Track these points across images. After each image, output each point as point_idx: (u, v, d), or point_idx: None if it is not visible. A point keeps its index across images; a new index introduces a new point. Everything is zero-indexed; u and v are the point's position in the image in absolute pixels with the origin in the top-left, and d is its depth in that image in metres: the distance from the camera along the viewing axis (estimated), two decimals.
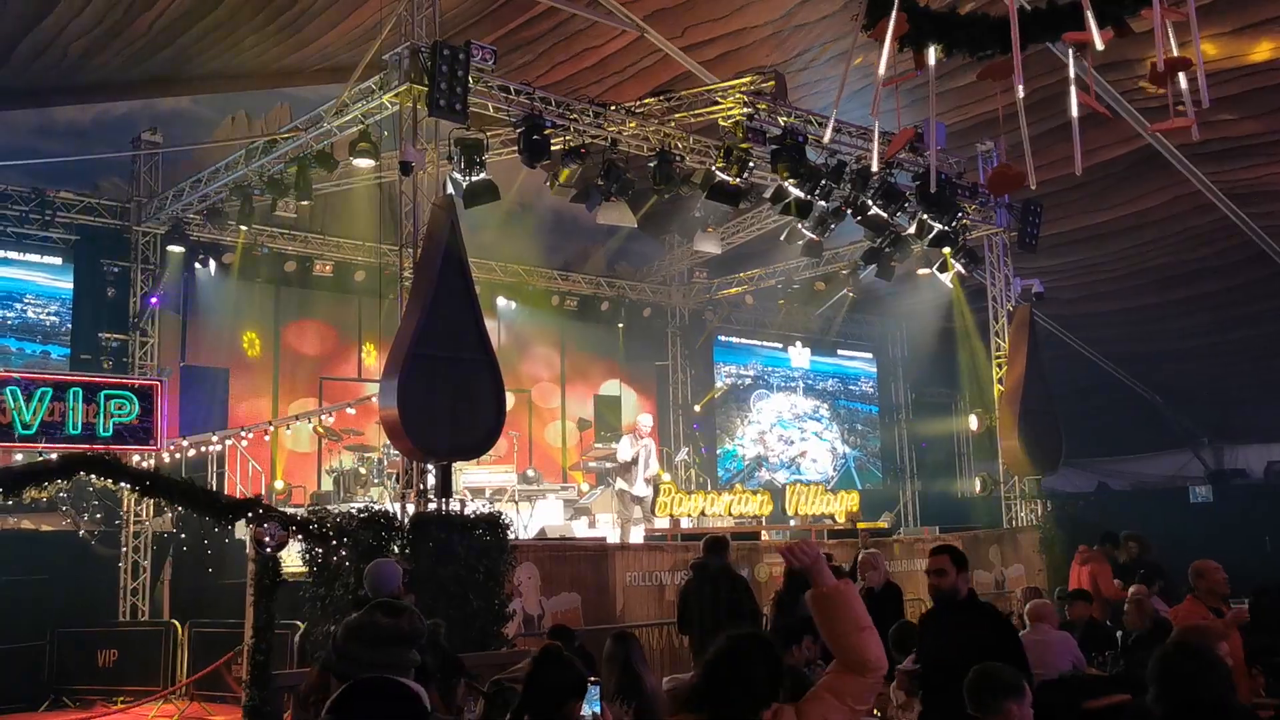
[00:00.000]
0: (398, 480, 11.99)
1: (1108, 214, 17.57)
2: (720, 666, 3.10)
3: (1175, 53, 6.05)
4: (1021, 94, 5.61)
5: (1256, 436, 23.13)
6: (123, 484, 8.78)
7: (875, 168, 10.14)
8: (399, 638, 3.05)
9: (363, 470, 14.24)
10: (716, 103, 12.95)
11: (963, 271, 15.47)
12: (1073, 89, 6.44)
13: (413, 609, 3.27)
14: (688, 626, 8.19)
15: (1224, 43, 12.97)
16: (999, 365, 16.11)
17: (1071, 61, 6.46)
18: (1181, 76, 6.18)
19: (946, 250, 14.82)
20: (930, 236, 14.40)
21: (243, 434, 14.35)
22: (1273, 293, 19.02)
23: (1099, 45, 5.43)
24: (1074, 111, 6.37)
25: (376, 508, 10.10)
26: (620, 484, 14.04)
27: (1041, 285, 16.11)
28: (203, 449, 13.79)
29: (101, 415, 10.70)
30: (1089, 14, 5.46)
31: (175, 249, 14.33)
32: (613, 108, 12.61)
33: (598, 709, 3.20)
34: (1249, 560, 12.93)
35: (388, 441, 13.67)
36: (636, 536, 13.11)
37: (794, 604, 7.97)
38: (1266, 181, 16.32)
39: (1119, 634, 8.49)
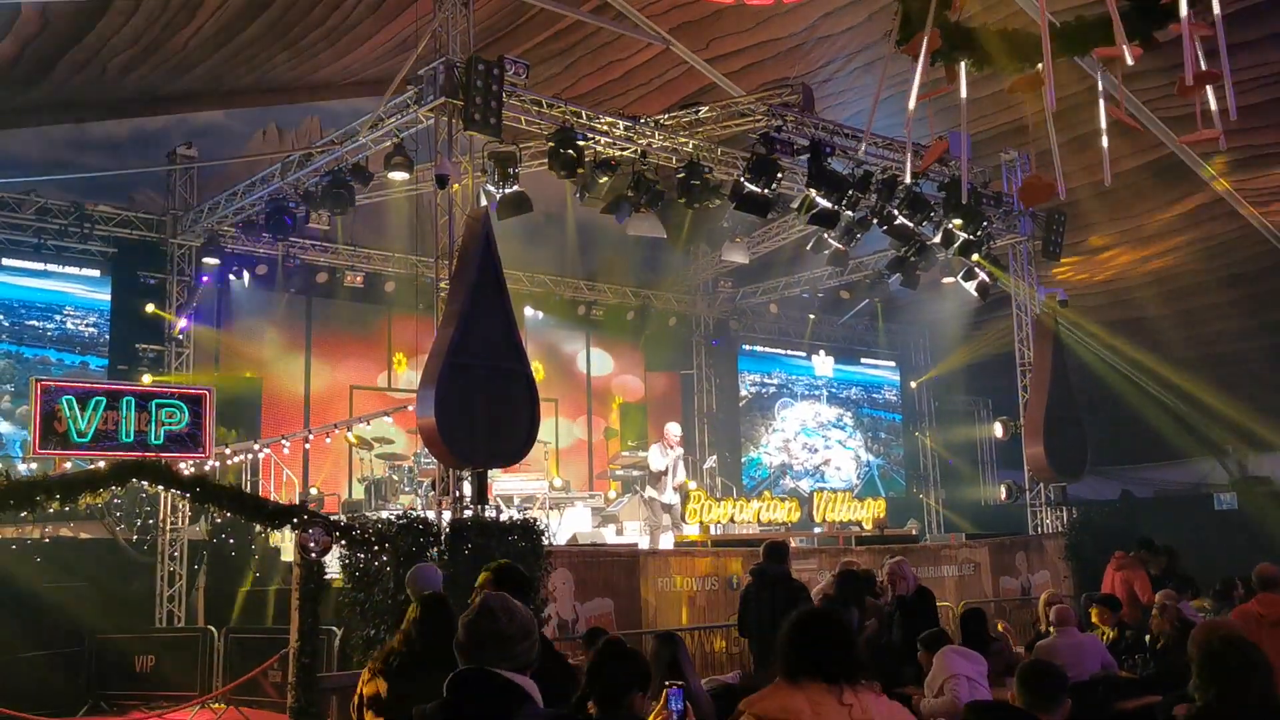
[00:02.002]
0: (431, 488, 12.16)
1: (1130, 222, 17.64)
2: (810, 631, 3.37)
3: (1203, 66, 6.19)
4: (1053, 109, 5.75)
5: None
6: (174, 490, 8.99)
7: (908, 179, 10.25)
8: (501, 637, 3.14)
9: (394, 478, 14.43)
10: (744, 115, 13.11)
11: (987, 280, 15.57)
12: (1101, 102, 6.58)
13: (518, 609, 3.27)
14: (747, 630, 8.36)
15: (1246, 53, 13.05)
16: (1023, 373, 16.19)
17: (1100, 76, 6.60)
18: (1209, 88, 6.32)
19: (976, 256, 14.91)
20: (955, 245, 14.51)
21: (282, 442, 14.59)
22: None
23: (1129, 61, 5.56)
24: (1103, 124, 6.51)
25: (415, 514, 10.25)
26: (650, 492, 14.19)
27: (1065, 294, 16.17)
28: (240, 457, 14.03)
29: (153, 424, 10.91)
30: (1118, 30, 5.59)
31: (210, 261, 14.57)
32: (641, 120, 12.79)
33: (681, 707, 3.37)
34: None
35: (419, 449, 13.90)
36: (666, 543, 13.25)
37: (844, 607, 8.12)
38: None
39: (1147, 638, 8.58)
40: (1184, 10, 5.75)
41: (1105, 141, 6.64)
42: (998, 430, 16.97)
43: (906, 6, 6.53)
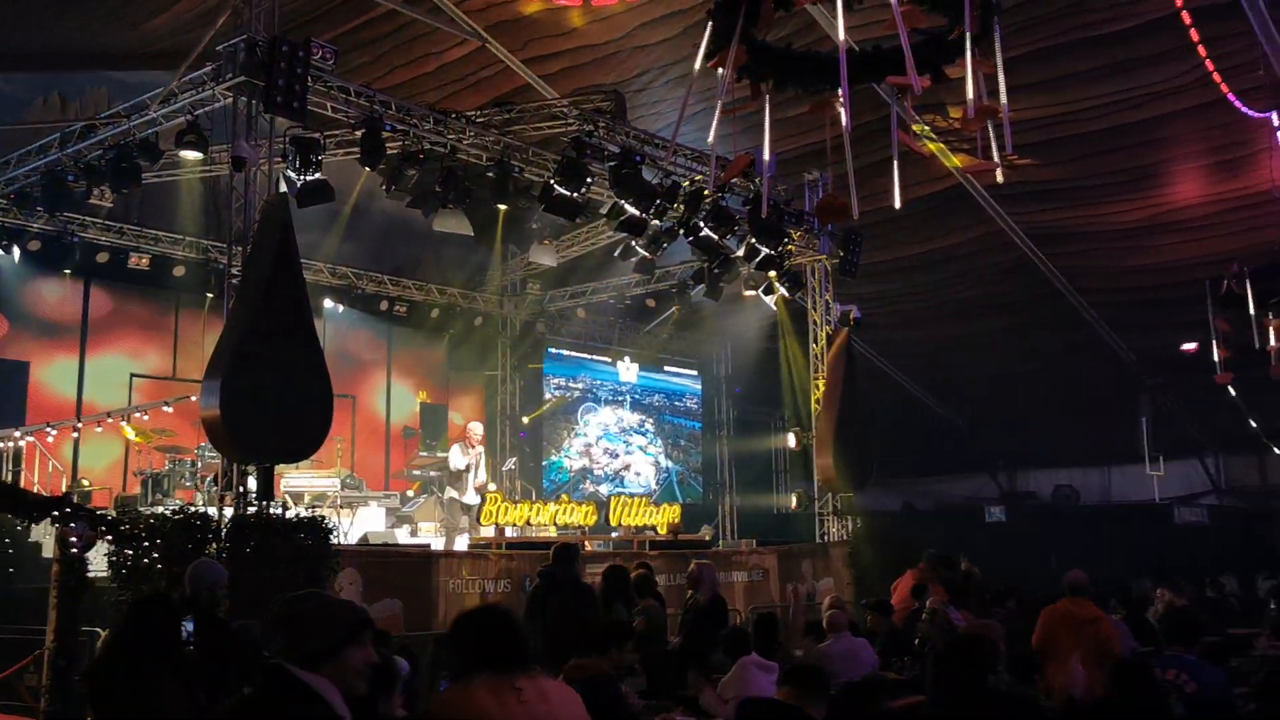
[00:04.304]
0: (214, 483, 11.64)
1: (920, 246, 18.58)
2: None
3: (985, 101, 6.59)
4: (848, 131, 6.00)
5: (1045, 461, 24.83)
6: None
7: (710, 191, 10.48)
8: (274, 628, 3.03)
9: (177, 472, 13.72)
10: (556, 117, 13.12)
11: (786, 294, 16.10)
12: (894, 128, 6.92)
13: (312, 596, 3.14)
14: (532, 633, 8.31)
15: (1026, 95, 13.96)
16: (817, 386, 16.79)
17: (894, 103, 6.93)
18: (990, 123, 6.75)
19: (772, 274, 15.40)
20: (757, 260, 14.94)
21: (47, 430, 13.62)
22: (1064, 328, 20.50)
23: (917, 90, 5.87)
24: (895, 149, 6.85)
25: (191, 509, 9.77)
26: (450, 492, 13.97)
27: (859, 311, 16.86)
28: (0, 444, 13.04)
29: None
30: (910, 61, 5.89)
31: None
32: (453, 115, 12.62)
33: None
34: (1035, 575, 13.88)
35: (202, 443, 13.26)
36: (461, 545, 13.08)
37: (609, 608, 8.22)
38: (1062, 224, 17.61)
39: (916, 641, 9.03)
40: (969, 48, 6.13)
41: (896, 167, 6.99)
42: (790, 441, 17.56)
43: (715, 22, 6.70)
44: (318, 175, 11.06)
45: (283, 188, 10.85)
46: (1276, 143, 14.28)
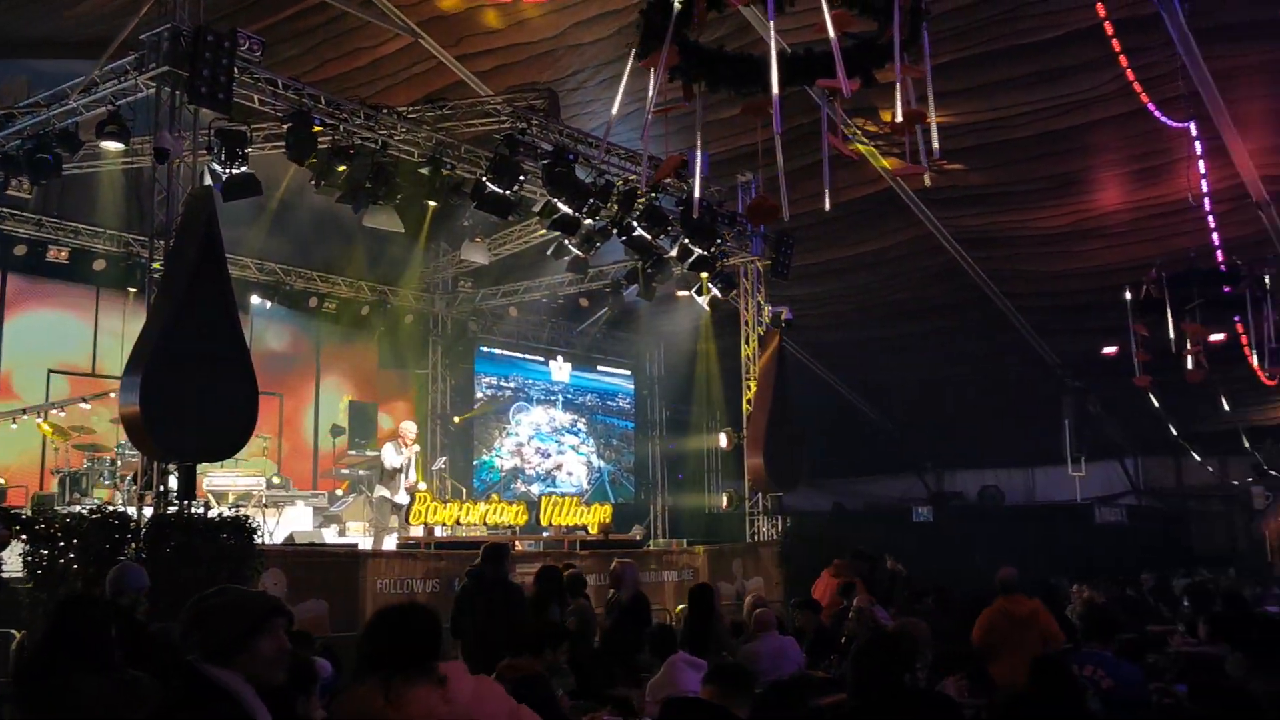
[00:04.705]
0: (133, 482, 11.38)
1: (851, 249, 18.78)
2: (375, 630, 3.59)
3: (913, 105, 6.67)
4: (779, 132, 6.03)
5: (972, 462, 25.28)
6: None
7: (643, 190, 10.49)
8: (187, 627, 3.00)
9: (96, 470, 13.39)
10: (489, 114, 13.04)
11: (719, 295, 16.17)
12: (824, 131, 6.98)
13: (227, 591, 3.14)
14: (461, 633, 8.25)
15: (957, 101, 14.19)
16: (749, 387, 16.89)
17: (825, 106, 6.99)
18: (919, 128, 6.83)
19: (704, 274, 15.46)
20: (690, 260, 14.99)
21: None
22: (991, 332, 20.88)
23: (846, 93, 5.92)
24: (825, 152, 6.91)
25: (110, 509, 9.53)
26: (382, 491, 13.78)
27: (791, 313, 17.00)
28: None
29: None
30: (839, 64, 5.94)
31: None
32: (384, 111, 12.47)
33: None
34: (961, 573, 14.14)
35: (122, 441, 12.95)
36: (390, 545, 12.93)
37: (544, 608, 8.19)
38: (990, 228, 17.91)
39: (843, 639, 9.13)
40: (898, 53, 6.20)
41: (826, 169, 7.05)
42: (722, 441, 17.65)
43: (648, 22, 6.70)
44: (244, 168, 10.85)
45: (208, 180, 10.62)
46: (1194, 152, 14.66)
